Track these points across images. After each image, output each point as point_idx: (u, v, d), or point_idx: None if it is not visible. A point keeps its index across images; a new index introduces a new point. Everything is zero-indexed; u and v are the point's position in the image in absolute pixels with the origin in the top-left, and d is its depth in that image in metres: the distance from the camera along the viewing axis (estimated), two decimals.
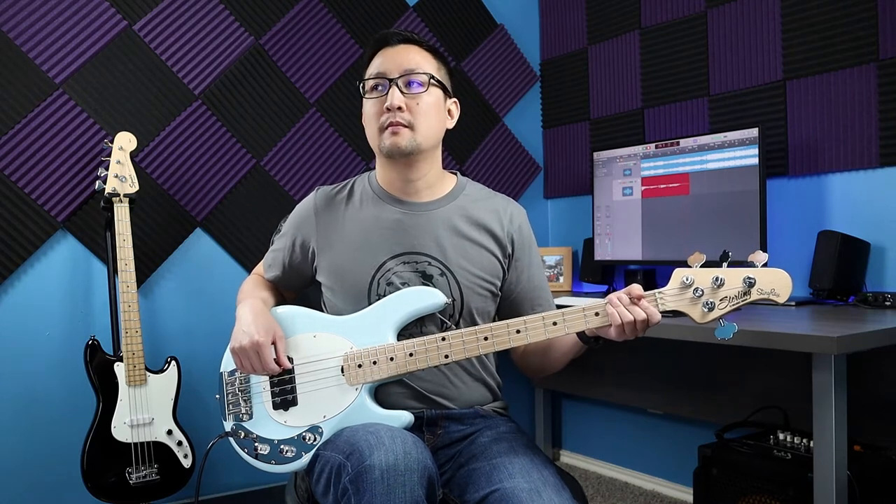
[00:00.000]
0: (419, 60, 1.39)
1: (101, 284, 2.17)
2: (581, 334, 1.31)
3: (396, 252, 1.40)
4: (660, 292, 1.22)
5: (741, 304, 1.19)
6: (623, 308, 1.20)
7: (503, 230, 1.45)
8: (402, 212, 1.43)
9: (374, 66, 1.40)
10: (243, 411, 1.40)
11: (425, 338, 1.30)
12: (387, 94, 1.36)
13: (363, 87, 1.41)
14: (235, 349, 1.35)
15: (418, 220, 1.42)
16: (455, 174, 1.51)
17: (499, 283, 1.45)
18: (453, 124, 1.48)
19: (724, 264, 1.20)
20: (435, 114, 1.40)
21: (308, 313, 1.42)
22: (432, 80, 1.39)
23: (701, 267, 1.20)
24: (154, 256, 2.27)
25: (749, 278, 1.17)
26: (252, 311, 1.39)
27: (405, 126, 1.36)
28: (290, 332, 1.40)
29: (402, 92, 1.36)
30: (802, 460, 1.72)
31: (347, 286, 1.41)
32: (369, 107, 1.40)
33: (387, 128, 1.36)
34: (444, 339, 1.29)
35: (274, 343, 1.35)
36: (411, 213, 1.43)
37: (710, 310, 1.19)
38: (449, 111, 1.46)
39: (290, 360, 1.38)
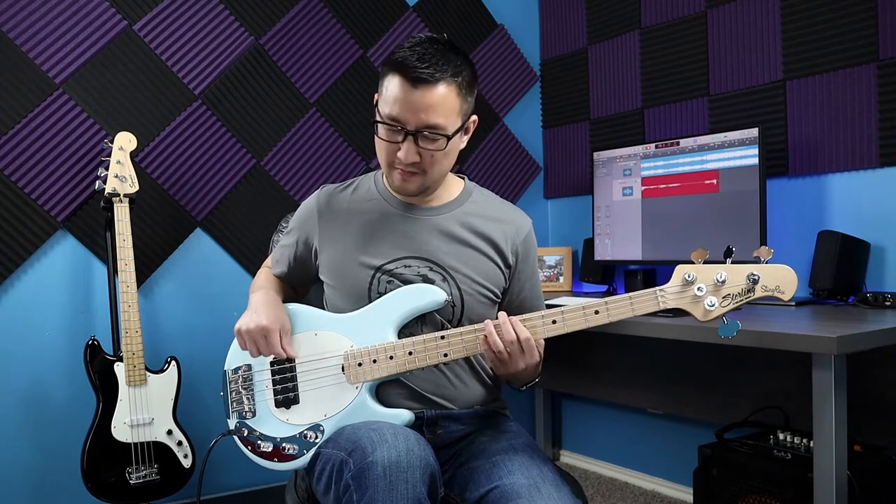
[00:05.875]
0: (440, 111, 1.26)
1: (101, 284, 2.17)
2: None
3: (398, 255, 1.40)
4: (661, 290, 1.20)
5: (745, 301, 1.15)
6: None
7: (508, 241, 1.44)
8: (406, 216, 1.42)
9: (390, 104, 1.27)
10: (246, 409, 1.40)
11: (424, 336, 1.30)
12: (400, 143, 1.29)
13: (377, 113, 1.31)
14: (242, 330, 1.36)
15: (422, 224, 1.42)
16: (462, 178, 1.49)
17: (499, 292, 1.45)
18: (465, 143, 1.40)
19: (728, 260, 1.17)
20: (447, 160, 1.35)
21: (309, 311, 1.43)
22: (450, 136, 1.30)
23: (703, 263, 1.18)
24: (154, 256, 2.27)
25: (753, 275, 1.14)
26: (265, 299, 1.41)
27: (416, 173, 1.33)
28: (292, 330, 1.40)
29: (416, 144, 1.28)
30: (802, 460, 1.72)
31: (348, 285, 1.41)
32: (379, 140, 1.32)
33: (396, 169, 1.34)
34: (443, 337, 1.29)
35: (280, 333, 1.37)
36: (415, 218, 1.42)
37: (713, 308, 1.16)
38: (466, 129, 1.38)
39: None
